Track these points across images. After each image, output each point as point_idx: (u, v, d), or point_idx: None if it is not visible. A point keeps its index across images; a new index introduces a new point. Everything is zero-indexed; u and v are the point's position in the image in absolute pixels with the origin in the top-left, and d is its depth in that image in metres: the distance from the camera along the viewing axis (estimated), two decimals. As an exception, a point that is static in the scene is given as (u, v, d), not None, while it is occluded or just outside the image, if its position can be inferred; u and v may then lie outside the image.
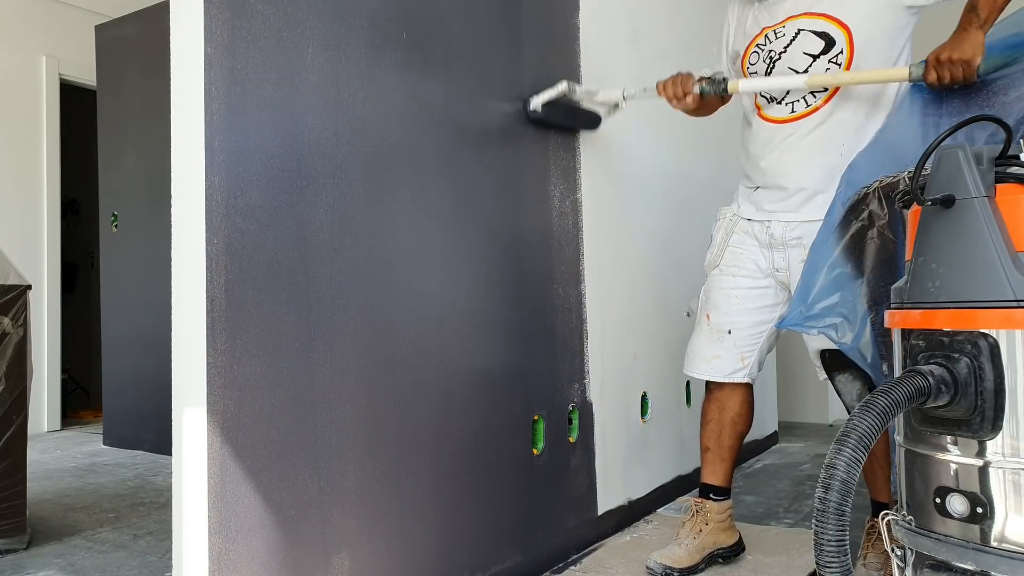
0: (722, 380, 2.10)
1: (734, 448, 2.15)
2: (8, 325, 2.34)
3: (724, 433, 2.13)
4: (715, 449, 2.15)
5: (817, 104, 1.88)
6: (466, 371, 1.90)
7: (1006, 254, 1.04)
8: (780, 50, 1.90)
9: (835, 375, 1.89)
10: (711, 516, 2.11)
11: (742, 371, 2.10)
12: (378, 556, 1.62)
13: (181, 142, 1.39)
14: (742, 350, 2.08)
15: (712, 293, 2.12)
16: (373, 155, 1.67)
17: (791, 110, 1.92)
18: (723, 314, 2.08)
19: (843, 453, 0.99)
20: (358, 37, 1.64)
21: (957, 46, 1.58)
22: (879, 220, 1.54)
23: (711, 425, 2.15)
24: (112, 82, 4.18)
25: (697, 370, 2.15)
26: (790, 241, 1.96)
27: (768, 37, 1.93)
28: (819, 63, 1.85)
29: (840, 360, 1.82)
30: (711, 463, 2.15)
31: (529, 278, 2.13)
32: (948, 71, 1.58)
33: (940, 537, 1.07)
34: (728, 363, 2.09)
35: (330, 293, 1.56)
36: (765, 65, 1.94)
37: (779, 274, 2.01)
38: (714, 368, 2.11)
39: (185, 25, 1.38)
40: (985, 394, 1.03)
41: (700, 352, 2.13)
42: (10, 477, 2.34)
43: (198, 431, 1.34)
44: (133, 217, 4.09)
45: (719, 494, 2.14)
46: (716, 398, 2.15)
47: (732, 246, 2.09)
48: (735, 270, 2.07)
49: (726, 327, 2.08)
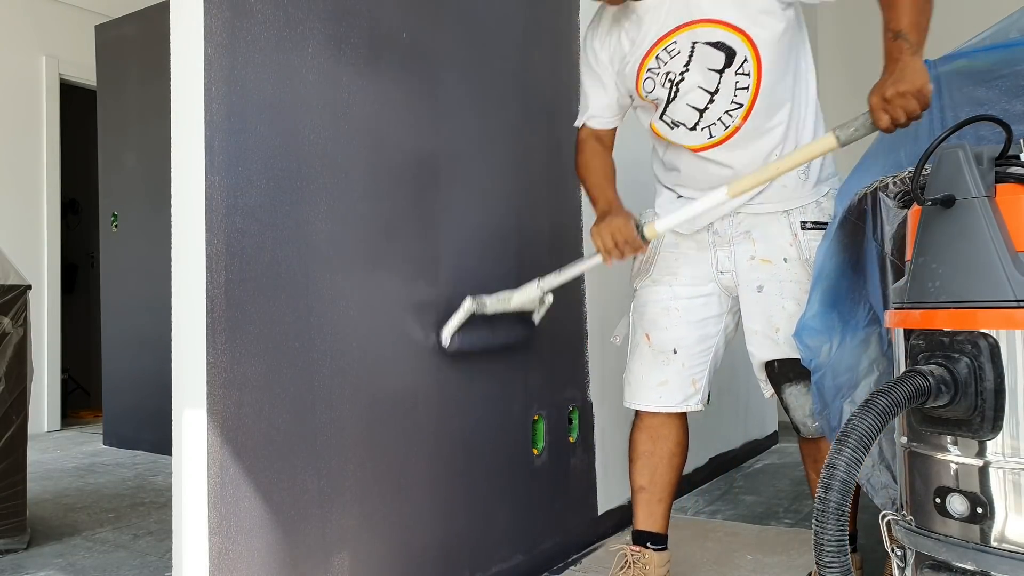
0: (676, 410, 1.81)
1: (673, 485, 1.85)
2: (8, 325, 2.34)
3: (660, 469, 1.82)
4: (650, 488, 1.83)
5: (736, 124, 1.64)
6: (466, 371, 1.90)
7: (1006, 254, 1.04)
8: (679, 71, 1.62)
9: (785, 387, 1.74)
10: (651, 569, 1.80)
11: (695, 396, 1.81)
12: (378, 556, 1.62)
13: (181, 142, 1.39)
14: (692, 372, 1.79)
15: (647, 309, 1.82)
16: (373, 155, 1.67)
17: (709, 135, 1.66)
18: (663, 330, 1.79)
19: (843, 453, 0.99)
20: (359, 37, 1.64)
21: (900, 78, 1.35)
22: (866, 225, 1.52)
23: (644, 460, 1.84)
24: (112, 82, 4.18)
25: (644, 400, 1.82)
26: (736, 237, 1.73)
27: (660, 58, 1.63)
28: (727, 78, 1.60)
29: (792, 370, 1.70)
30: (647, 505, 1.84)
31: (529, 277, 2.13)
32: (901, 108, 1.36)
33: (940, 537, 1.07)
34: (679, 389, 1.80)
35: (330, 293, 1.56)
36: (666, 91, 1.65)
37: (723, 277, 1.76)
38: (663, 397, 1.80)
39: (185, 25, 1.38)
40: (985, 394, 1.03)
41: (644, 379, 1.82)
42: (10, 477, 2.34)
43: (198, 431, 1.34)
44: (133, 217, 4.09)
45: (658, 543, 1.84)
46: (648, 427, 1.84)
47: (664, 251, 1.80)
48: (671, 279, 1.79)
49: (670, 346, 1.78)
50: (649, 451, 1.84)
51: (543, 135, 2.21)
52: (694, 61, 1.60)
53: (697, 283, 1.78)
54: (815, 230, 1.68)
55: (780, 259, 1.71)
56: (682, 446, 1.86)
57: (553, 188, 2.24)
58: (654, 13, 1.61)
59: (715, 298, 1.79)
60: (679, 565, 2.12)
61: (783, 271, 1.70)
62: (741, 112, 1.62)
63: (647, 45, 1.63)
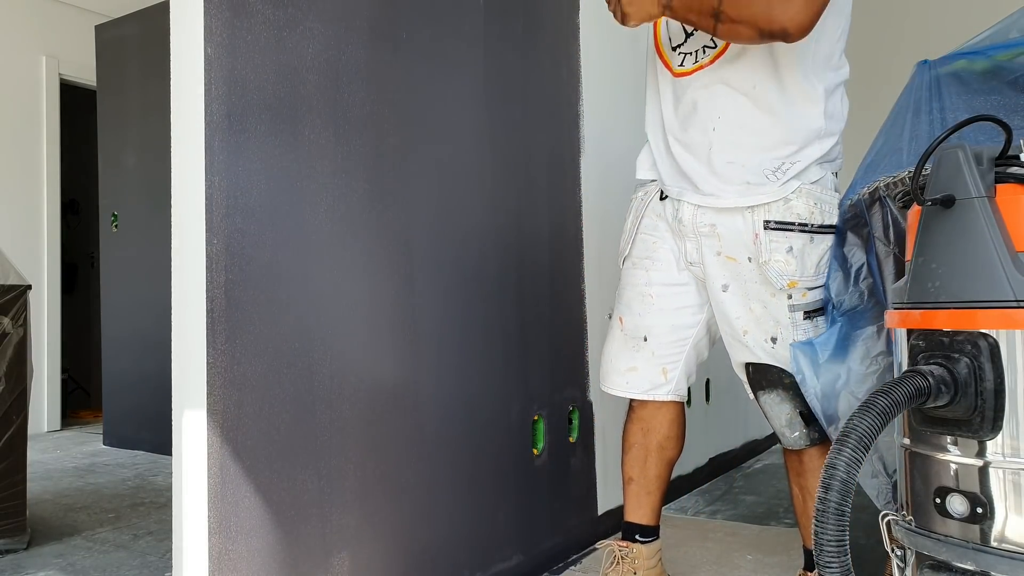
0: (642, 397, 1.78)
1: (663, 478, 1.82)
2: (8, 325, 2.34)
3: (650, 461, 1.80)
4: (640, 480, 1.81)
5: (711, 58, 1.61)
6: (466, 371, 1.90)
7: (1006, 254, 1.04)
8: None
9: (759, 394, 1.67)
10: (640, 563, 1.77)
11: (664, 387, 1.76)
12: (378, 556, 1.62)
13: (181, 142, 1.39)
14: (663, 361, 1.75)
15: (625, 291, 1.79)
16: (375, 155, 1.67)
17: (695, 60, 1.63)
18: (637, 316, 1.75)
19: (843, 453, 0.99)
20: (359, 37, 1.64)
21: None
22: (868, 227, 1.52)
23: (634, 451, 1.82)
24: (112, 82, 4.18)
25: (612, 385, 1.81)
26: (702, 230, 1.65)
27: None
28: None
29: (765, 377, 1.64)
30: (636, 497, 1.82)
31: (529, 277, 2.13)
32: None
33: (940, 537, 1.07)
34: (646, 376, 1.76)
35: (330, 293, 1.56)
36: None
37: (694, 268, 1.69)
38: (630, 383, 1.77)
39: (185, 25, 1.38)
40: (985, 394, 1.03)
41: (614, 363, 1.80)
42: (10, 477, 2.34)
43: (198, 431, 1.34)
44: (133, 217, 4.09)
45: (647, 535, 1.81)
46: (639, 418, 1.81)
47: (643, 232, 1.75)
48: (648, 263, 1.74)
49: (641, 333, 1.75)
50: (640, 443, 1.81)
51: (544, 135, 2.21)
52: None
53: (672, 270, 1.72)
54: (779, 231, 1.57)
55: (744, 258, 1.60)
56: (673, 439, 1.81)
57: (553, 188, 2.24)
58: None
59: (691, 288, 1.72)
60: (679, 565, 2.12)
61: (747, 271, 1.60)
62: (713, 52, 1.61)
63: None
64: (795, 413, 1.61)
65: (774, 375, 1.61)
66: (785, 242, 1.56)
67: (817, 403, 1.54)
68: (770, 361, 1.62)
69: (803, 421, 1.62)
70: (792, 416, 1.62)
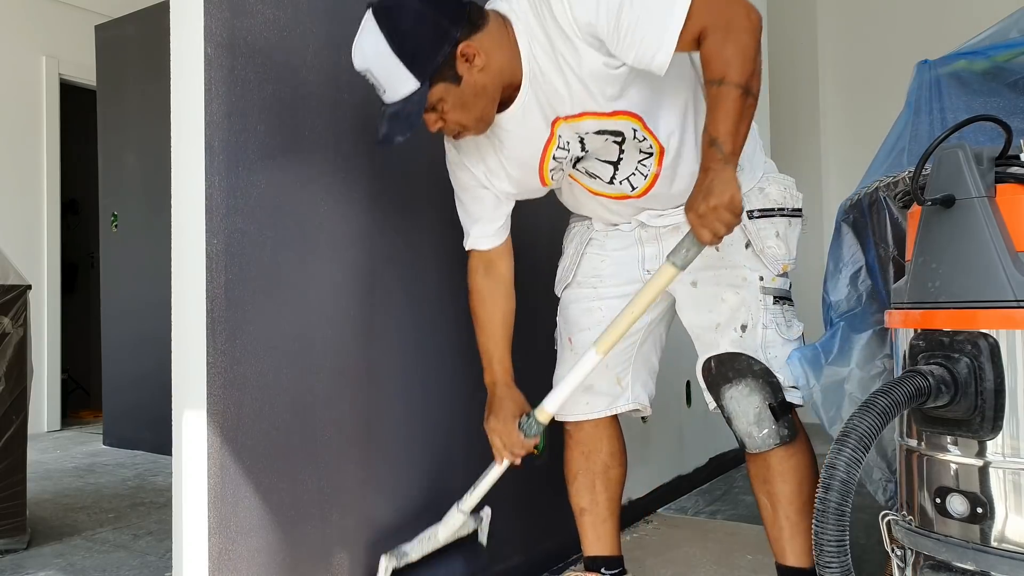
0: (604, 415, 1.72)
1: (615, 501, 1.74)
2: (8, 325, 2.34)
3: (598, 486, 1.73)
4: (592, 509, 1.73)
5: (655, 171, 1.54)
6: (467, 371, 1.90)
7: (1006, 254, 1.04)
8: (579, 154, 1.54)
9: (724, 390, 1.58)
10: None
11: (623, 396, 1.70)
12: (378, 556, 1.62)
13: (181, 142, 1.39)
14: (615, 370, 1.70)
15: (569, 310, 1.73)
16: (376, 155, 1.67)
17: (631, 187, 1.57)
18: (585, 330, 1.68)
19: (843, 453, 0.99)
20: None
21: (710, 191, 1.29)
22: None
23: (580, 479, 1.74)
24: (112, 82, 4.18)
25: (573, 411, 1.71)
26: (664, 232, 1.64)
27: (556, 158, 1.53)
28: (628, 153, 1.52)
29: (732, 367, 1.57)
30: (592, 528, 1.74)
31: (529, 278, 2.12)
32: (716, 221, 1.30)
33: (940, 537, 1.07)
34: (605, 392, 1.70)
35: (330, 293, 1.56)
36: (570, 166, 1.57)
37: (650, 275, 1.59)
38: (591, 403, 1.71)
39: (185, 25, 1.38)
40: (985, 394, 1.03)
41: None
42: (10, 477, 2.34)
43: (198, 431, 1.34)
44: (133, 217, 4.09)
45: (612, 567, 1.74)
46: (578, 442, 1.74)
47: (590, 253, 1.72)
48: (595, 280, 1.70)
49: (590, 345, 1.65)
50: (584, 469, 1.74)
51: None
52: (587, 145, 1.51)
53: (622, 284, 1.67)
54: (764, 218, 1.58)
55: (711, 249, 1.50)
56: (617, 455, 1.76)
57: (553, 188, 2.23)
58: (519, 127, 1.48)
59: None
60: (679, 565, 2.13)
61: (715, 259, 1.58)
62: (654, 159, 1.53)
63: (537, 153, 1.52)
64: (764, 406, 1.54)
65: (743, 363, 1.56)
66: (772, 228, 1.60)
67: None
68: (738, 350, 1.57)
69: (772, 416, 1.55)
70: (761, 410, 1.54)
